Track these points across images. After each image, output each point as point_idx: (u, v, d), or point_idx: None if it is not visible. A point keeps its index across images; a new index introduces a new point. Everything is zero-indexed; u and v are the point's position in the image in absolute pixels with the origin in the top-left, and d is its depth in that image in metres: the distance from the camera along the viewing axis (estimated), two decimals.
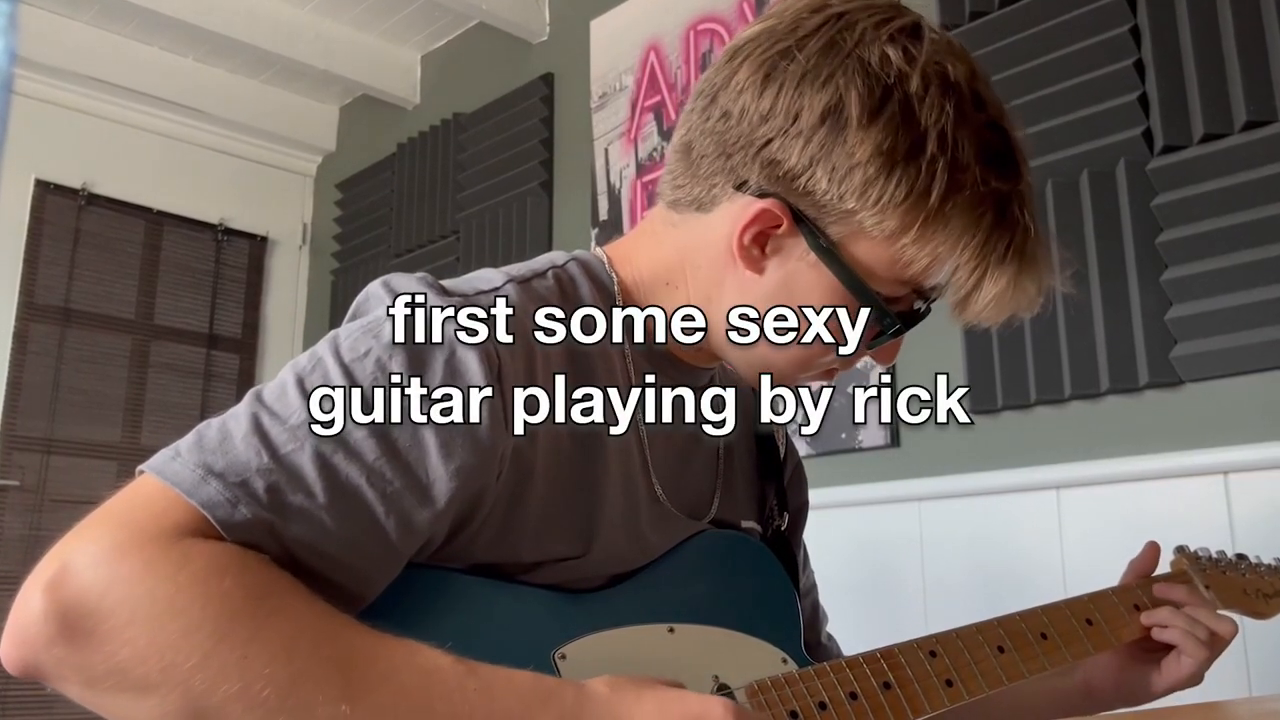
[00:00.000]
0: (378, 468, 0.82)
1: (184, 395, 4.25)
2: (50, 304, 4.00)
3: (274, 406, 0.83)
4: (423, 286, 0.91)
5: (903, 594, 2.34)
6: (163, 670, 0.71)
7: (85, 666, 0.72)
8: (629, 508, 1.01)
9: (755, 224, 0.94)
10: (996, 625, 1.13)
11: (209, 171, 4.47)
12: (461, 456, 0.85)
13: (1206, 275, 1.99)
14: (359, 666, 0.75)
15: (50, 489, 3.88)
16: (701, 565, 1.07)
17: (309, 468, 0.80)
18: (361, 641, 0.77)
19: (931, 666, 1.05)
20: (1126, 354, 2.07)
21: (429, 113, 4.16)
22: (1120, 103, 2.15)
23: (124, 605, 0.72)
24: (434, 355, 0.86)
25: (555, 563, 0.95)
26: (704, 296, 1.01)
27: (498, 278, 0.98)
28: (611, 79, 3.39)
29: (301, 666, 0.73)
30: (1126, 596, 1.23)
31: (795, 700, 0.96)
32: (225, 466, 0.79)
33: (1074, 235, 2.17)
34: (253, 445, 0.80)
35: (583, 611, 0.96)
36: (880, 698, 1.00)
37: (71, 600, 0.72)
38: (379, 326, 0.88)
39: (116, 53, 4.13)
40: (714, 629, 1.03)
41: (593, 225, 3.35)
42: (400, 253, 4.08)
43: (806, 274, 0.95)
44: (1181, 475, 1.97)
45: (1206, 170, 2.02)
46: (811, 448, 2.57)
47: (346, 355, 0.86)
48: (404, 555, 0.86)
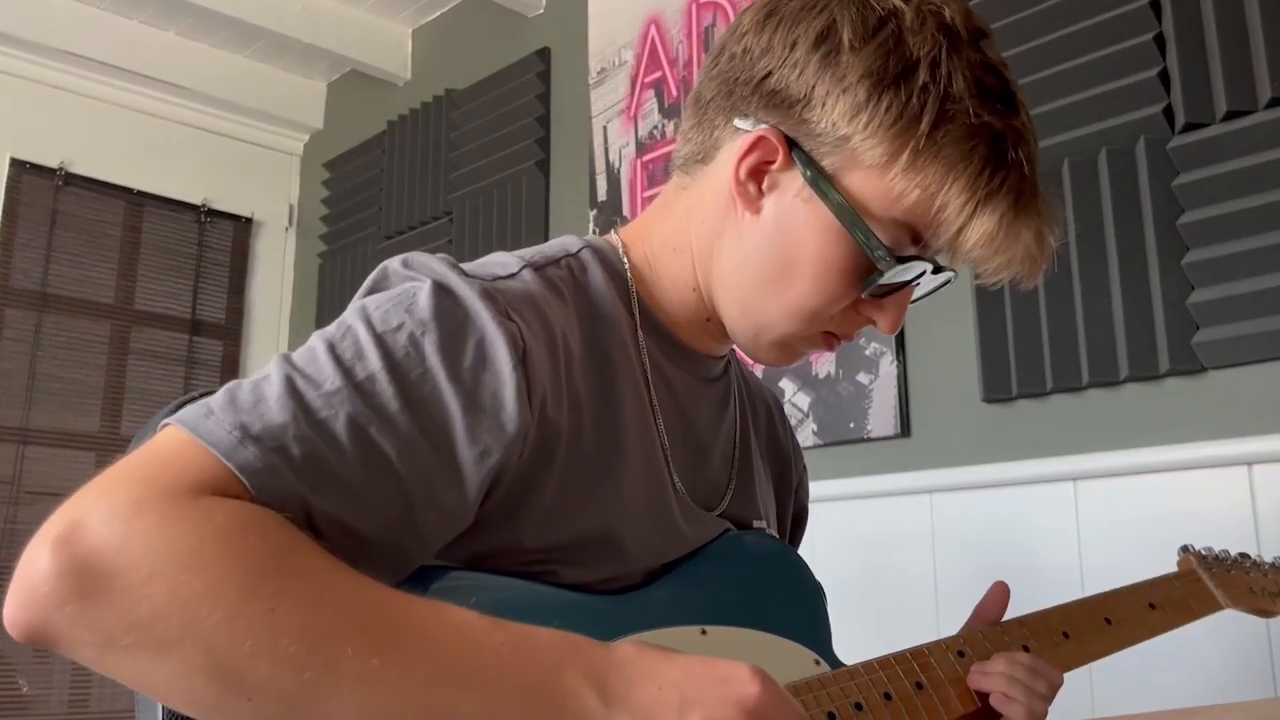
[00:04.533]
0: (410, 443, 0.84)
1: (166, 383, 4.24)
2: (26, 288, 3.99)
3: (307, 370, 0.84)
4: (446, 266, 0.93)
5: (913, 590, 2.34)
6: (184, 626, 0.71)
7: (101, 625, 0.71)
8: (655, 498, 1.03)
9: (752, 154, 0.98)
10: (1019, 625, 1.16)
11: (191, 150, 4.47)
12: (487, 440, 0.87)
13: (1230, 258, 1.99)
14: (387, 621, 0.76)
15: (26, 481, 3.88)
16: (733, 566, 1.09)
17: (344, 436, 0.82)
18: (387, 598, 0.78)
19: (961, 667, 1.08)
20: (1146, 340, 2.07)
21: (420, 89, 4.15)
22: (1140, 78, 2.14)
23: (143, 560, 0.71)
24: (466, 335, 0.88)
25: (582, 553, 0.97)
26: (705, 250, 1.05)
27: (513, 262, 1.00)
28: (610, 54, 3.38)
29: (330, 621, 0.74)
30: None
31: (832, 701, 0.98)
32: (262, 429, 0.79)
33: (1092, 216, 2.17)
34: (288, 408, 0.81)
35: (613, 614, 0.98)
36: (915, 699, 1.02)
37: (86, 556, 0.71)
38: (410, 301, 0.89)
39: (96, 26, 4.12)
40: (746, 630, 1.05)
41: (590, 206, 3.34)
42: (391, 235, 4.08)
43: (801, 210, 0.98)
44: (1204, 466, 1.97)
45: (1230, 149, 2.02)
46: (818, 437, 2.57)
47: (379, 326, 0.87)
48: (429, 536, 0.88)
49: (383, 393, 0.84)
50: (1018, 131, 0.97)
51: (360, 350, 0.86)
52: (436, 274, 0.92)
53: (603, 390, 1.00)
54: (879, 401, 2.50)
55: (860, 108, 0.94)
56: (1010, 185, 0.95)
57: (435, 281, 0.91)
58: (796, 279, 0.99)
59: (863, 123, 0.94)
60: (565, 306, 0.99)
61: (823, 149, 0.96)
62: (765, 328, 1.03)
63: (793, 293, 1.00)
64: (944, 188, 0.94)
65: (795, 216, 0.99)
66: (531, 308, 0.94)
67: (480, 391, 0.87)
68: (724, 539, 1.10)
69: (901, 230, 0.97)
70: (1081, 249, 2.18)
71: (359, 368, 0.85)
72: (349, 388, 0.83)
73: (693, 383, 1.12)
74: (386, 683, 0.74)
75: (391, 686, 0.74)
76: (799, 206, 0.98)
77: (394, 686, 0.74)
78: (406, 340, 0.87)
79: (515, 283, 0.96)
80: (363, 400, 0.83)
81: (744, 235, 1.01)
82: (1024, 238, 0.97)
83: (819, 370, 2.63)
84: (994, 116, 0.95)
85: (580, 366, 0.98)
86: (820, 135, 0.96)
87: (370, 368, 0.85)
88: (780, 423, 1.32)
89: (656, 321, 1.08)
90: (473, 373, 0.87)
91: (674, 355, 1.09)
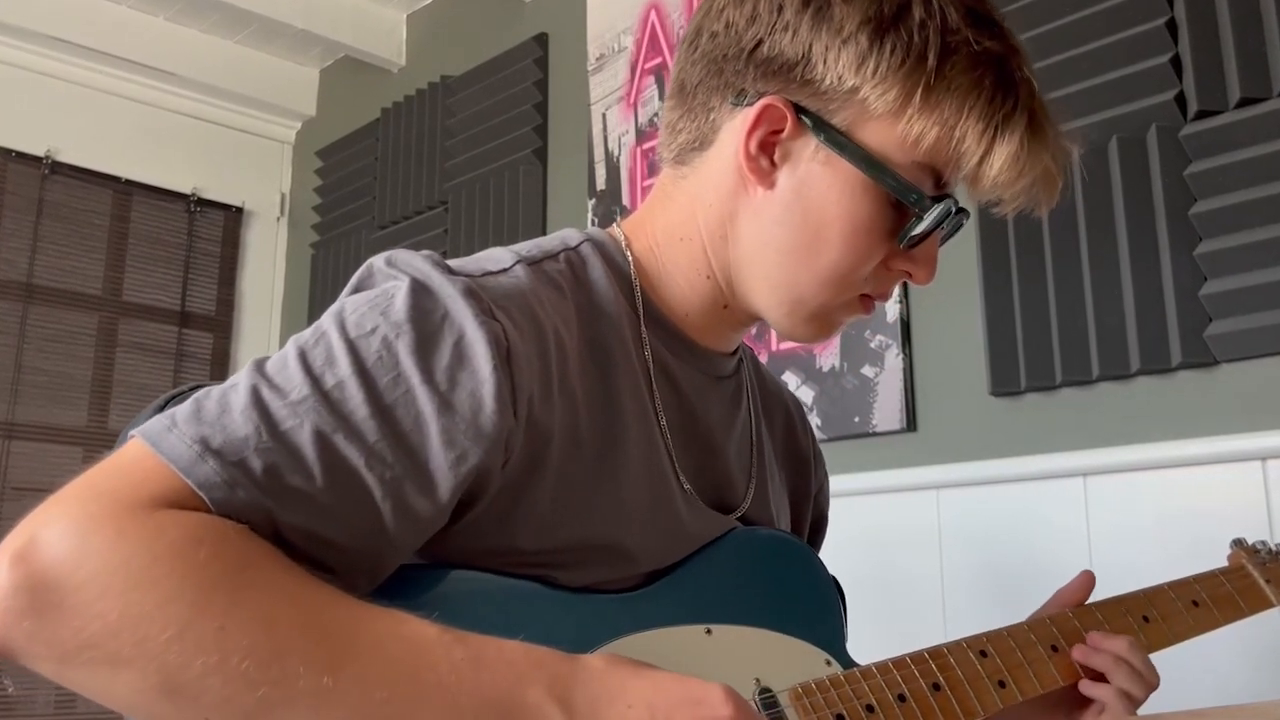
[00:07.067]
0: (379, 451, 0.83)
1: (154, 376, 4.24)
2: (11, 279, 3.99)
3: (275, 379, 0.84)
4: (430, 264, 0.92)
5: (919, 588, 2.34)
6: (136, 643, 0.72)
7: (57, 641, 0.73)
8: (658, 499, 1.02)
9: (760, 126, 0.98)
10: (1049, 623, 1.14)
11: (181, 138, 4.45)
12: (464, 444, 0.86)
13: (1244, 249, 1.98)
14: (342, 637, 0.76)
15: (11, 476, 3.88)
16: (739, 564, 1.08)
17: (308, 447, 0.81)
18: (345, 612, 0.78)
19: (983, 667, 1.06)
20: (1158, 332, 2.07)
21: (415, 75, 4.14)
22: (1152, 65, 2.13)
23: (96, 577, 0.73)
24: (442, 336, 0.87)
25: (581, 556, 0.96)
26: (719, 237, 1.04)
27: (507, 258, 0.99)
28: (610, 39, 3.38)
29: (282, 638, 0.74)
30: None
31: (842, 703, 0.97)
32: (223, 443, 0.80)
33: (1102, 206, 2.17)
34: (252, 420, 0.81)
35: (615, 614, 0.97)
36: (930, 700, 1.01)
37: (41, 572, 0.73)
38: (386, 303, 0.89)
39: (82, 11, 4.11)
40: (753, 629, 1.04)
41: (589, 195, 3.34)
42: (385, 224, 4.07)
43: (820, 174, 0.98)
44: (1216, 461, 1.97)
45: (1243, 137, 2.01)
46: (822, 432, 2.57)
47: (352, 331, 0.87)
48: (401, 544, 0.87)
49: (351, 399, 0.84)
50: (1016, 52, 0.99)
51: (331, 356, 0.86)
52: (418, 272, 0.91)
53: (602, 388, 0.99)
54: (884, 395, 2.50)
55: (865, 56, 0.94)
56: (1023, 105, 0.97)
57: (414, 280, 0.90)
58: (826, 244, 0.99)
59: (870, 70, 0.94)
60: (563, 302, 0.98)
61: (831, 107, 0.96)
62: (800, 301, 1.02)
63: (825, 259, 0.99)
64: (961, 119, 0.95)
65: (815, 181, 0.98)
66: (520, 305, 0.93)
67: (457, 393, 0.86)
68: (732, 535, 1.09)
69: (924, 173, 0.98)
70: (1092, 239, 2.17)
71: (329, 375, 0.85)
72: (316, 396, 0.83)
73: (701, 380, 1.10)
74: (340, 701, 0.74)
75: (345, 704, 0.74)
76: (817, 170, 0.98)
77: (348, 704, 0.74)
78: (380, 344, 0.86)
79: (506, 279, 0.95)
80: (329, 409, 0.83)
81: (761, 212, 1.01)
82: (1044, 155, 0.98)
83: (823, 363, 2.63)
84: (993, 41, 0.97)
85: (578, 364, 0.97)
86: (826, 93, 0.96)
87: (340, 374, 0.85)
88: (800, 425, 1.31)
89: (661, 316, 1.07)
90: (449, 374, 0.86)
91: (680, 351, 1.08)
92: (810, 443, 1.32)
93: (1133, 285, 2.10)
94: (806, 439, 1.31)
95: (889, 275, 1.03)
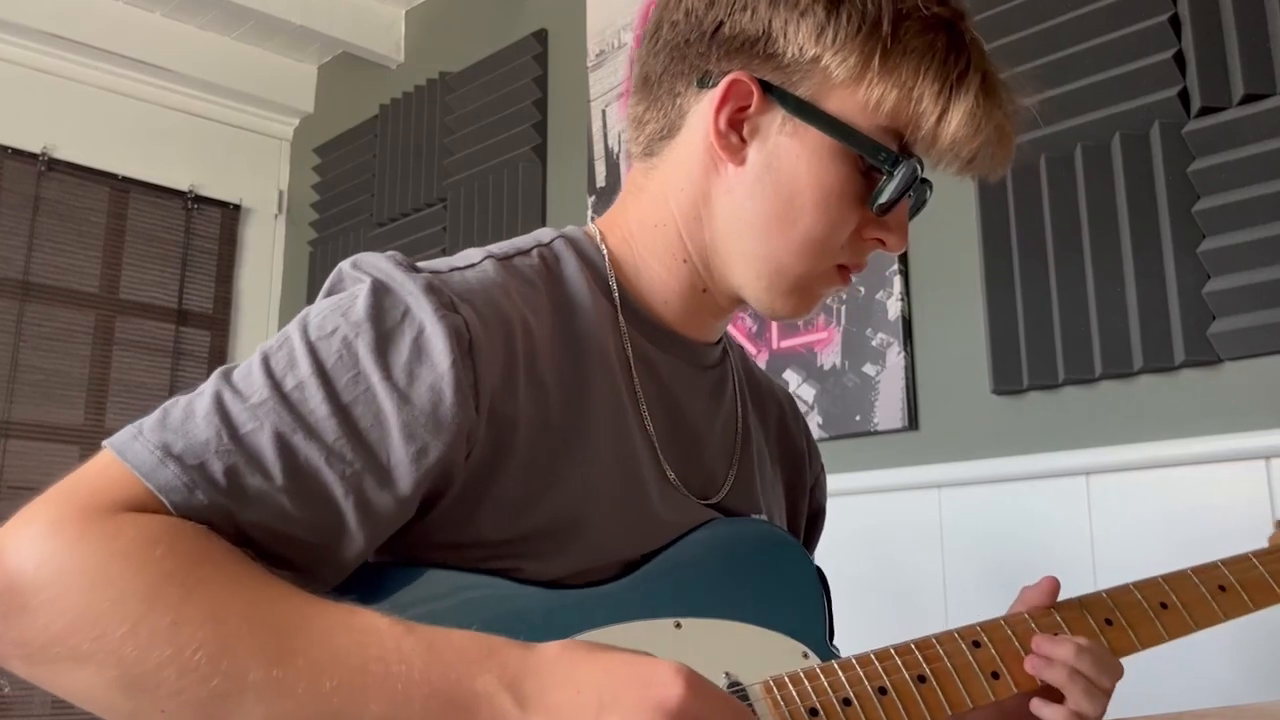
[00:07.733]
0: (338, 449, 0.86)
1: (151, 375, 4.24)
2: (8, 277, 3.99)
3: (238, 384, 0.88)
4: (392, 264, 0.95)
5: (921, 587, 2.34)
6: (95, 639, 0.75)
7: (24, 641, 0.77)
8: (629, 485, 1.03)
9: (727, 102, 1.01)
10: (1052, 612, 1.11)
11: (178, 135, 4.45)
12: (425, 437, 0.88)
13: (1247, 246, 1.98)
14: (291, 630, 0.79)
15: (8, 475, 3.88)
16: (714, 554, 1.07)
17: (268, 448, 0.84)
18: (296, 606, 0.80)
19: (974, 657, 1.04)
20: (1161, 330, 2.07)
21: (414, 72, 4.14)
22: (1155, 60, 2.13)
23: (58, 578, 0.77)
24: (402, 333, 0.90)
25: (545, 544, 0.97)
26: (693, 219, 1.06)
27: (476, 255, 1.02)
28: (610, 35, 3.38)
29: (233, 631, 0.77)
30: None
31: (816, 696, 0.95)
32: (184, 448, 0.83)
33: (1105, 202, 2.17)
34: (213, 424, 0.85)
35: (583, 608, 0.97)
36: (914, 692, 0.98)
37: (8, 576, 0.78)
38: (348, 304, 0.92)
39: (79, 8, 4.11)
40: (726, 623, 1.03)
41: (589, 192, 3.34)
42: (383, 222, 4.07)
43: (789, 145, 1.01)
44: (1220, 460, 1.97)
45: (1247, 133, 2.01)
46: (823, 430, 2.57)
47: (313, 333, 0.90)
48: (365, 539, 0.89)
49: (311, 399, 0.87)
50: (963, 16, 1.03)
51: (293, 359, 0.88)
52: (379, 272, 0.94)
53: (574, 378, 1.01)
54: (886, 393, 2.50)
55: (823, 25, 0.98)
56: (975, 64, 1.01)
57: (374, 280, 0.93)
58: (799, 212, 1.01)
59: (829, 39, 0.98)
60: (535, 294, 1.00)
61: (795, 78, 1.00)
62: (777, 273, 1.04)
63: (799, 227, 1.02)
64: (918, 81, 0.99)
65: (784, 152, 1.01)
66: (484, 297, 0.95)
67: (416, 387, 0.89)
68: (707, 526, 1.09)
69: (888, 136, 1.01)
70: (1094, 236, 2.17)
71: (289, 377, 0.87)
72: (276, 398, 0.86)
73: (683, 369, 1.12)
74: (290, 691, 0.77)
75: (294, 695, 0.77)
76: (785, 141, 1.01)
77: (296, 695, 0.77)
78: (340, 344, 0.89)
79: (472, 273, 0.98)
80: (289, 410, 0.86)
81: (733, 189, 1.03)
82: (998, 112, 1.02)
83: (824, 361, 2.62)
84: (941, 7, 1.01)
85: (549, 351, 0.99)
86: (789, 66, 1.00)
87: (300, 376, 0.87)
88: (794, 420, 1.32)
89: (640, 308, 1.09)
90: (408, 369, 0.89)
91: (661, 341, 1.09)
92: (804, 436, 1.33)
93: (1136, 283, 2.10)
94: (800, 433, 1.32)
95: (863, 244, 1.06)
